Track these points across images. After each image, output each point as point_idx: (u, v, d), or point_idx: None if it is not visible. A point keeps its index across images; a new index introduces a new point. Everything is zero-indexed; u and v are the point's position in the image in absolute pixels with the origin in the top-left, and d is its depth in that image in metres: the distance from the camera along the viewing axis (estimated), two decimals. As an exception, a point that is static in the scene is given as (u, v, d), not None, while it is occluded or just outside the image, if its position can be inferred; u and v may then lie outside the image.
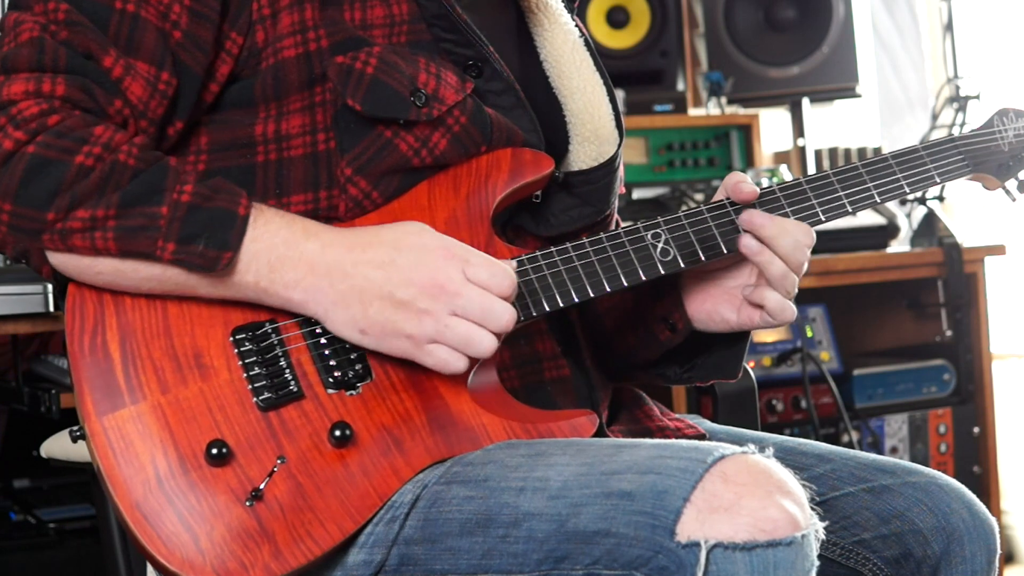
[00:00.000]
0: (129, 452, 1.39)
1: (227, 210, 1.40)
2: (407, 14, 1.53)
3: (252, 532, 1.38)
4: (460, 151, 1.53)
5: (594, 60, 1.69)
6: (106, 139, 1.39)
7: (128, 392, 1.41)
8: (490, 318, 1.41)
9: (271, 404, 1.42)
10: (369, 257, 1.42)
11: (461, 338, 1.41)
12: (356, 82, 1.49)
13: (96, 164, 1.38)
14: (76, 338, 1.42)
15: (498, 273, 1.42)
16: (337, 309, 1.42)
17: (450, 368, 1.42)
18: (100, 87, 1.42)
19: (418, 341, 1.41)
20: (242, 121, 1.50)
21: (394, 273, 1.41)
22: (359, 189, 1.50)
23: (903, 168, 1.67)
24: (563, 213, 1.61)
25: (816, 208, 1.63)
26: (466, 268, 1.42)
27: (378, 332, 1.42)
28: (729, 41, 3.39)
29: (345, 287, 1.41)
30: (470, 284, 1.41)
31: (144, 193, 1.38)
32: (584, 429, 1.50)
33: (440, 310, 1.41)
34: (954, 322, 3.13)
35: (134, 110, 1.44)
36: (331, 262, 1.42)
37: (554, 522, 1.34)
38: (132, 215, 1.38)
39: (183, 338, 1.43)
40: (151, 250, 1.39)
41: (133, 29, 1.44)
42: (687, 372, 1.72)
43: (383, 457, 1.43)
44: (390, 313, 1.41)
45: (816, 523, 1.31)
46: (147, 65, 1.44)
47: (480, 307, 1.41)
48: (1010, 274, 3.80)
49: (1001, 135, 1.75)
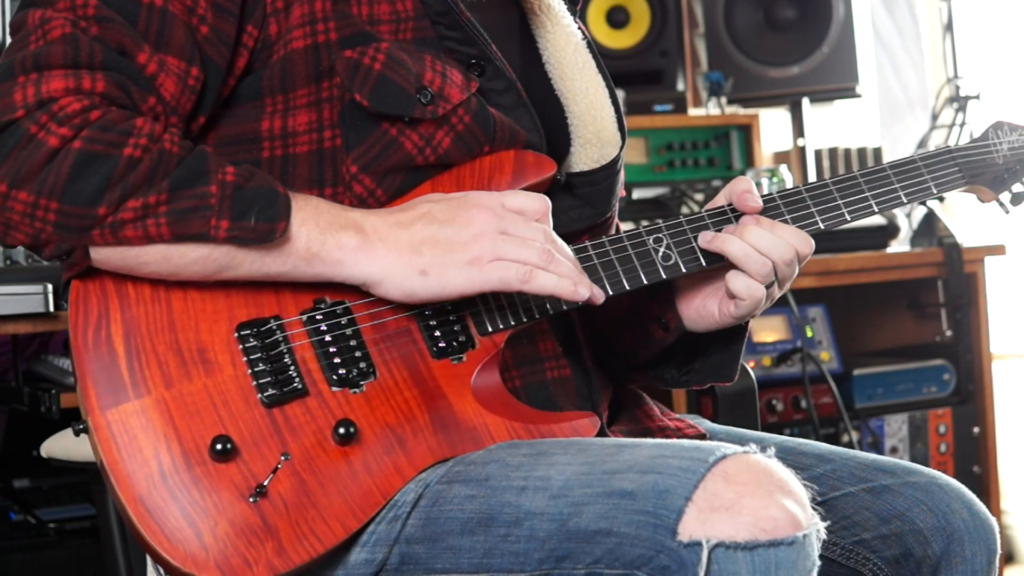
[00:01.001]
0: (133, 446, 1.39)
1: (269, 187, 1.42)
2: (411, 11, 1.54)
3: (256, 528, 1.38)
4: (463, 150, 1.53)
5: (596, 62, 1.69)
6: (148, 130, 1.39)
7: (132, 386, 1.41)
8: (539, 237, 1.45)
9: (275, 401, 1.42)
10: (409, 216, 1.45)
11: (517, 246, 1.44)
12: (363, 77, 1.49)
13: (144, 155, 1.38)
14: (80, 331, 1.42)
15: (534, 198, 1.48)
16: (392, 263, 1.43)
17: (512, 282, 1.44)
18: (135, 84, 1.42)
19: (481, 262, 1.43)
20: (248, 116, 1.51)
21: (439, 215, 1.44)
22: (364, 187, 1.51)
23: (900, 179, 1.69)
24: (564, 214, 1.61)
25: (816, 216, 1.64)
26: (503, 199, 1.47)
27: (438, 269, 1.43)
28: (729, 41, 3.39)
29: (393, 239, 1.43)
30: (509, 212, 1.46)
31: (191, 176, 1.39)
32: (585, 431, 1.51)
33: (490, 229, 1.44)
34: (954, 322, 3.13)
35: (167, 106, 1.44)
36: (376, 224, 1.44)
37: (555, 521, 1.34)
38: (183, 197, 1.38)
39: (187, 333, 1.43)
40: (205, 230, 1.39)
41: (163, 25, 1.44)
42: (685, 375, 1.72)
43: (386, 455, 1.43)
44: (444, 248, 1.43)
45: (817, 523, 1.31)
46: (177, 60, 1.44)
47: (525, 231, 1.45)
48: (1010, 274, 3.80)
49: (996, 148, 1.76)
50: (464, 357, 1.49)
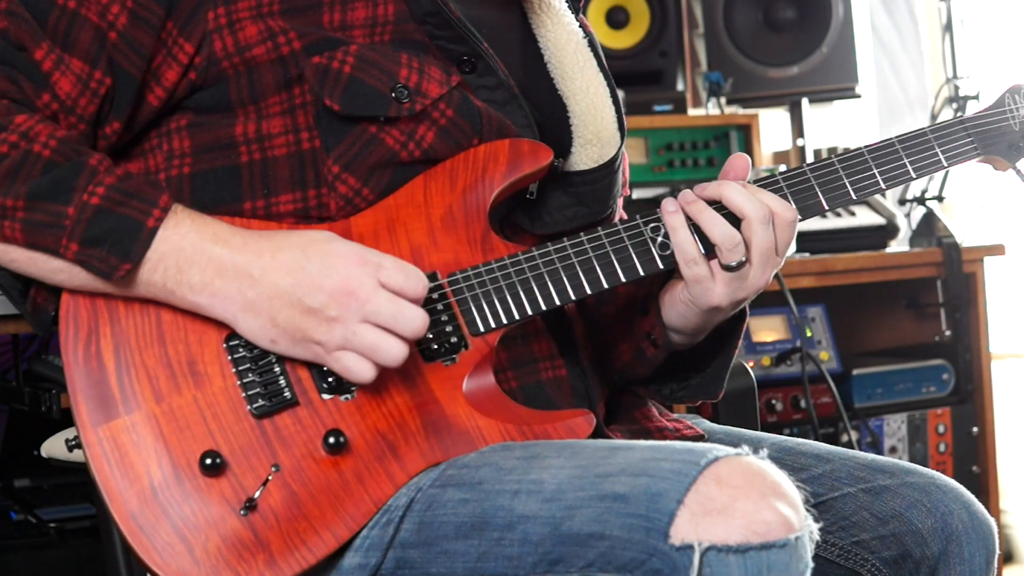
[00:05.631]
0: (124, 463, 1.39)
1: (135, 219, 1.39)
2: (393, 15, 1.53)
3: (247, 542, 1.38)
4: (450, 143, 1.52)
5: (598, 61, 1.68)
6: (25, 128, 1.40)
7: (122, 401, 1.41)
8: (401, 323, 1.39)
9: (265, 412, 1.43)
10: (278, 263, 1.40)
11: (369, 345, 1.39)
12: (333, 82, 1.48)
13: (10, 152, 1.38)
14: (70, 347, 1.43)
15: (412, 276, 1.41)
16: (246, 316, 1.41)
17: (356, 376, 1.40)
18: (28, 79, 1.43)
19: (327, 348, 1.40)
20: (221, 122, 1.50)
21: (304, 279, 1.40)
22: (348, 187, 1.50)
23: (909, 152, 1.63)
24: (559, 212, 1.60)
25: (819, 196, 1.60)
26: (378, 273, 1.40)
27: (288, 339, 1.41)
28: (729, 41, 3.39)
29: (253, 294, 1.40)
30: (381, 290, 1.40)
31: (54, 189, 1.38)
32: (581, 429, 1.50)
33: (349, 317, 1.39)
34: (953, 322, 3.13)
35: (62, 105, 1.44)
36: (239, 267, 1.40)
37: (548, 525, 1.34)
38: (39, 210, 1.38)
39: (177, 345, 1.44)
40: (55, 247, 1.39)
41: (71, 25, 1.45)
42: (681, 390, 1.71)
43: (378, 462, 1.43)
44: (299, 320, 1.40)
45: (810, 524, 1.31)
46: (81, 62, 1.45)
47: (390, 313, 1.39)
48: (1009, 274, 3.80)
49: (1012, 114, 1.68)
50: (456, 358, 1.49)
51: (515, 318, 1.51)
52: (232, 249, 1.41)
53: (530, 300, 1.51)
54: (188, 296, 1.41)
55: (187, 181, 1.50)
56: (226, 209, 1.49)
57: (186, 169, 1.51)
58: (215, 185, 1.50)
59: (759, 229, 1.52)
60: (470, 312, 1.50)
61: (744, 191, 1.53)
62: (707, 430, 1.73)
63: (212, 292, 1.41)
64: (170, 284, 1.41)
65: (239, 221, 1.48)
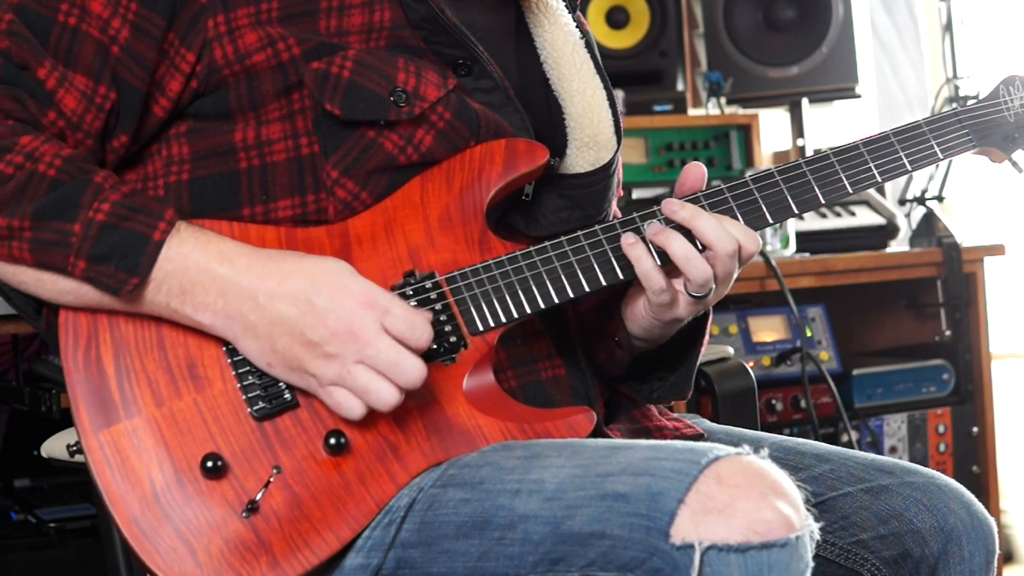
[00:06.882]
0: (125, 467, 1.40)
1: (141, 234, 1.40)
2: (389, 21, 1.53)
3: (249, 544, 1.38)
4: (448, 146, 1.52)
5: (595, 62, 1.68)
6: (30, 149, 1.40)
7: (123, 406, 1.41)
8: (397, 372, 1.39)
9: (265, 414, 1.43)
10: (285, 290, 1.40)
11: (360, 387, 1.39)
12: (333, 87, 1.48)
13: (16, 173, 1.39)
14: (70, 353, 1.43)
15: (417, 326, 1.40)
16: (247, 337, 1.41)
17: (345, 412, 1.40)
18: (33, 98, 1.43)
19: (321, 381, 1.41)
20: (220, 129, 1.50)
21: (308, 312, 1.39)
22: (347, 191, 1.50)
23: (904, 145, 1.64)
24: (553, 214, 1.60)
25: (816, 190, 1.60)
26: (384, 318, 1.40)
27: (283, 366, 1.41)
28: (729, 41, 3.39)
29: (256, 318, 1.40)
30: (384, 335, 1.39)
31: (60, 207, 1.39)
32: (581, 427, 1.50)
33: (348, 356, 1.39)
34: (953, 322, 3.13)
35: (68, 122, 1.44)
36: (244, 289, 1.41)
37: (549, 524, 1.34)
38: (46, 228, 1.39)
39: (177, 349, 1.44)
40: (63, 265, 1.39)
41: (73, 42, 1.45)
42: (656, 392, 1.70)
43: (379, 463, 1.43)
44: (298, 350, 1.40)
45: (811, 524, 1.31)
46: (85, 78, 1.45)
47: (389, 360, 1.39)
48: (1009, 274, 3.80)
49: (1007, 105, 1.70)
50: (456, 358, 1.49)
51: (514, 317, 1.51)
52: (237, 270, 1.41)
53: (528, 299, 1.51)
54: (191, 315, 1.42)
55: (186, 187, 1.50)
56: (224, 215, 1.49)
57: (185, 175, 1.51)
58: (214, 191, 1.50)
59: (726, 260, 1.55)
60: (469, 312, 1.50)
61: (717, 225, 1.54)
62: (707, 430, 1.73)
63: (215, 312, 1.41)
64: (174, 303, 1.41)
65: (238, 226, 1.48)
